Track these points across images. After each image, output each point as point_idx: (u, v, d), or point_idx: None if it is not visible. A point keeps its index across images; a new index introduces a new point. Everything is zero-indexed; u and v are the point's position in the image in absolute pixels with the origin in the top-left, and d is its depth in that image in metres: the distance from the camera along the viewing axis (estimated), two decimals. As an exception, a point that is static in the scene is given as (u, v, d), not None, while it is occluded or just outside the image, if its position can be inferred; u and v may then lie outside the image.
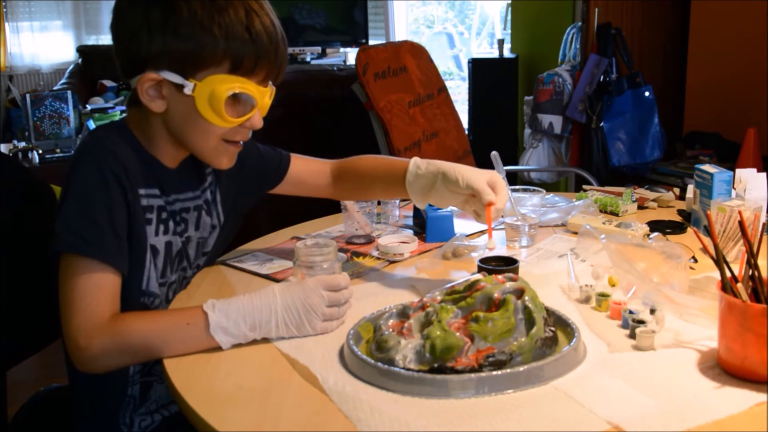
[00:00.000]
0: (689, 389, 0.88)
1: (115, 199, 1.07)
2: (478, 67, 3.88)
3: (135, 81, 1.09)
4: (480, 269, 1.18)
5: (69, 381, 1.23)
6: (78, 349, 1.01)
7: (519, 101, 3.90)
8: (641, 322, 1.02)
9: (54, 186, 1.35)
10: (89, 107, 3.77)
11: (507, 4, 4.28)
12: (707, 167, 1.48)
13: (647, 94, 3.22)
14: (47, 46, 6.00)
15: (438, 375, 0.88)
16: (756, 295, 0.91)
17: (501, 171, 1.53)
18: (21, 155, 3.13)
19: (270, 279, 1.31)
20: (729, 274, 0.92)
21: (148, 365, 1.19)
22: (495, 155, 1.58)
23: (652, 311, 1.04)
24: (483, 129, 3.86)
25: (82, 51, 5.35)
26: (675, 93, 3.49)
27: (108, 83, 4.91)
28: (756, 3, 3.02)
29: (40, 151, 3.15)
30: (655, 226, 1.51)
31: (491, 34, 5.87)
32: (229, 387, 0.93)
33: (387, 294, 1.23)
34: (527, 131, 3.53)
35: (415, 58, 2.88)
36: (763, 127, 2.98)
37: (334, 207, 1.58)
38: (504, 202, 1.21)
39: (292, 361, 0.98)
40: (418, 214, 1.58)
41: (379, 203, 1.65)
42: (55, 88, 4.79)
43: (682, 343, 0.99)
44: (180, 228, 1.21)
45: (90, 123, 3.36)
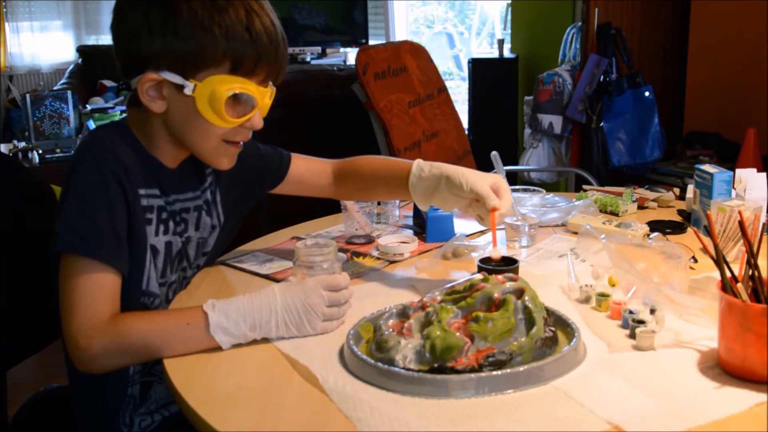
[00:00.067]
0: (689, 389, 0.88)
1: (115, 199, 1.07)
2: (478, 67, 3.88)
3: (135, 81, 1.09)
4: (480, 269, 1.18)
5: (69, 381, 1.23)
6: (78, 349, 1.00)
7: (519, 101, 3.90)
8: (641, 322, 1.02)
9: (54, 186, 1.35)
10: (89, 107, 3.78)
11: (507, 4, 4.28)
12: (707, 167, 1.48)
13: (647, 94, 3.22)
14: (47, 46, 6.01)
15: (438, 375, 0.88)
16: (756, 295, 0.91)
17: (501, 171, 1.53)
18: (21, 155, 3.13)
19: (270, 279, 1.31)
20: (729, 274, 0.92)
21: (148, 365, 1.19)
22: (495, 155, 1.58)
23: (652, 311, 1.04)
24: (483, 129, 3.86)
25: (82, 51, 5.35)
26: (675, 93, 3.49)
27: (108, 83, 4.91)
28: (756, 3, 3.02)
29: (40, 151, 3.15)
30: (655, 226, 1.51)
31: (491, 34, 5.87)
32: (229, 387, 0.93)
33: (387, 294, 1.23)
34: (527, 131, 3.53)
35: (415, 58, 2.88)
36: (763, 127, 2.98)
37: (334, 207, 1.58)
38: (508, 206, 1.21)
39: (292, 361, 0.98)
40: (418, 214, 1.58)
41: (379, 203, 1.65)
42: (55, 88, 4.79)
43: (682, 343, 0.99)
44: (180, 228, 1.21)
45: (90, 123, 3.36)
